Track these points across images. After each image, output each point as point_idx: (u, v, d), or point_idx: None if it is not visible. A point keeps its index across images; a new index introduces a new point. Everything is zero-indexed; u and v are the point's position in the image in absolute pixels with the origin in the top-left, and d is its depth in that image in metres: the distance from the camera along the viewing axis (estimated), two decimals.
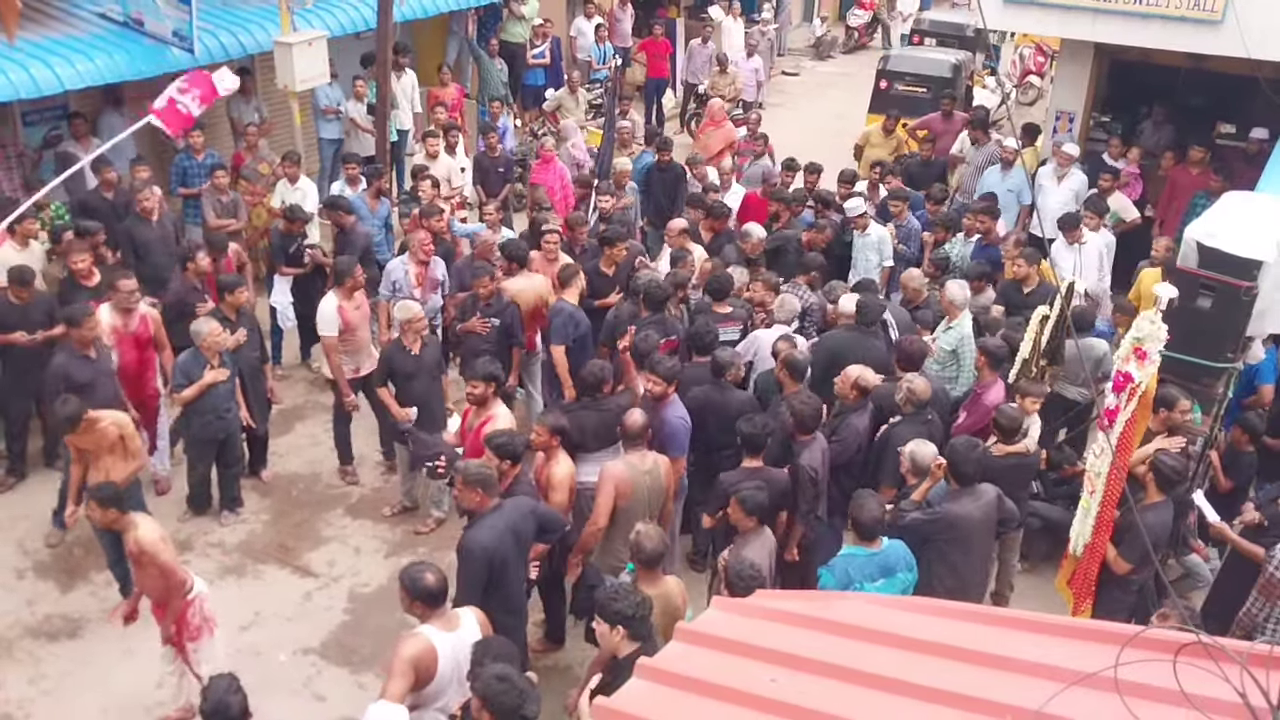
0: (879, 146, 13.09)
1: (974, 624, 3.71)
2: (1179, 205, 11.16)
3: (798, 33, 25.31)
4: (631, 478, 6.14)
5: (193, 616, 6.01)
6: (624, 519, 6.07)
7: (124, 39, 10.39)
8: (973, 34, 19.41)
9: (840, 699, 3.26)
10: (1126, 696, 2.83)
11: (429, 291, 8.87)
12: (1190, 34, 10.33)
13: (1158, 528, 6.09)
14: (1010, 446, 6.81)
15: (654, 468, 6.24)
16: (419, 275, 8.83)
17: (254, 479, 8.58)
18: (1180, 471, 6.24)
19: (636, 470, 6.17)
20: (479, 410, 6.86)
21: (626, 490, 6.11)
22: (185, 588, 5.93)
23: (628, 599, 4.62)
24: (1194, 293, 6.70)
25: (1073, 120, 12.46)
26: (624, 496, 6.12)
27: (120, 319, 7.63)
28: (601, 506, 6.13)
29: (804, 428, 6.50)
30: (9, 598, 7.30)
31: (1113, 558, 6.13)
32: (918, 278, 8.74)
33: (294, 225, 9.52)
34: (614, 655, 4.64)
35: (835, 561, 5.71)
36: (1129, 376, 5.99)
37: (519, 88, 15.85)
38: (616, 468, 6.19)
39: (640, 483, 6.15)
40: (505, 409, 6.95)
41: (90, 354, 7.23)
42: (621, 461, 6.26)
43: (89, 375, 7.13)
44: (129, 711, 6.44)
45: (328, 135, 12.92)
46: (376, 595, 7.52)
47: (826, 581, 5.63)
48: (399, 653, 4.73)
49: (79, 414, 6.50)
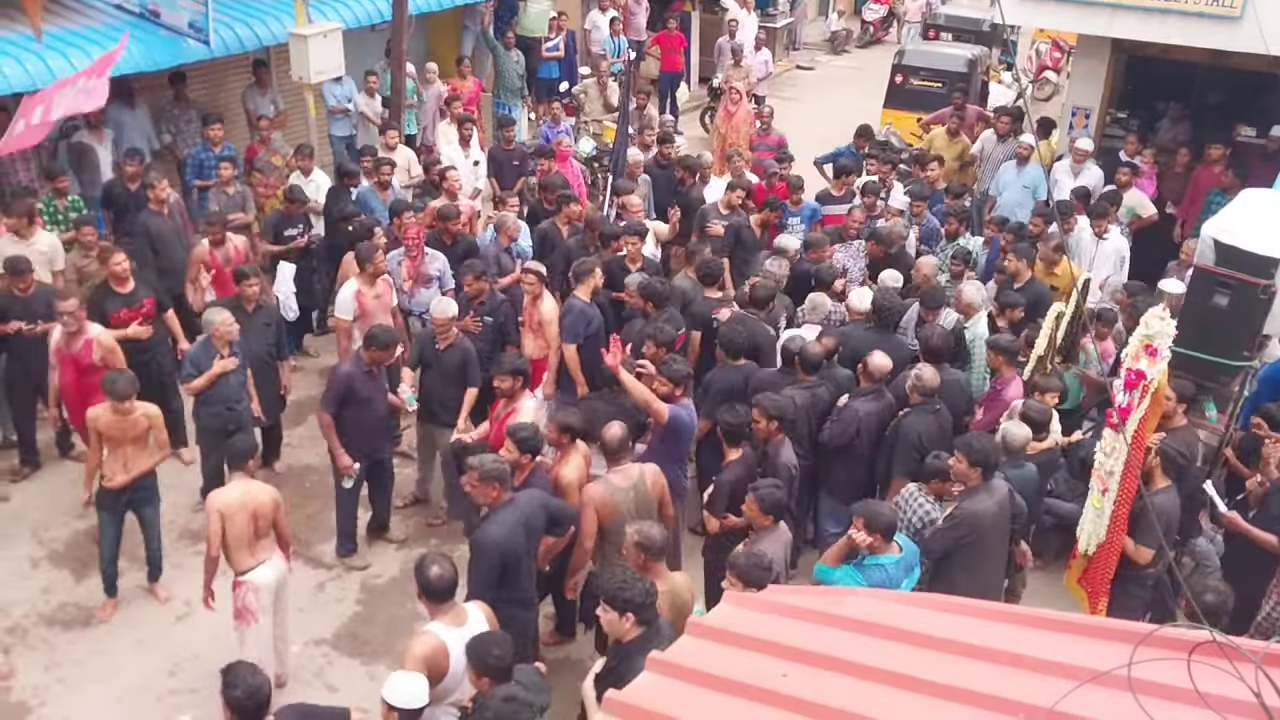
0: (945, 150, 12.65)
1: (987, 621, 3.70)
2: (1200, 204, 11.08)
3: (813, 27, 25.22)
4: (611, 498, 5.98)
5: (236, 600, 6.09)
6: (613, 536, 5.93)
7: (142, 30, 10.43)
8: (989, 29, 19.33)
9: (852, 695, 3.26)
10: (1140, 695, 2.82)
11: (419, 286, 8.79)
12: (1208, 30, 10.26)
13: (1169, 508, 6.07)
14: (1040, 444, 6.78)
15: (638, 481, 6.07)
16: (409, 269, 8.80)
17: (267, 470, 8.60)
18: (1187, 456, 6.19)
19: (616, 489, 6.01)
20: (506, 402, 6.87)
21: (606, 512, 5.97)
22: (239, 567, 6.05)
23: (635, 586, 4.68)
24: (1211, 291, 6.66)
25: (1089, 116, 12.39)
26: (606, 518, 5.98)
27: (64, 340, 7.38)
28: (585, 529, 6.01)
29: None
30: (24, 586, 7.35)
31: (1132, 550, 6.10)
32: (931, 264, 8.72)
33: (293, 206, 9.54)
34: (619, 641, 4.66)
35: (868, 576, 5.49)
36: (1141, 374, 5.96)
37: (534, 81, 15.85)
38: (595, 490, 6.04)
39: (622, 501, 5.99)
40: (531, 402, 6.95)
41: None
42: (600, 483, 6.11)
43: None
44: (143, 699, 6.48)
45: (338, 133, 12.90)
46: (388, 587, 7.54)
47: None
48: (410, 652, 4.74)
49: (130, 392, 6.53)
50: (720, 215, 9.89)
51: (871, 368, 7.00)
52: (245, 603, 6.09)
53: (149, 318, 8.12)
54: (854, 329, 8.00)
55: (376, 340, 7.17)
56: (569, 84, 15.52)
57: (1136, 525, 6.08)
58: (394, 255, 8.84)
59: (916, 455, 6.73)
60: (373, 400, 7.34)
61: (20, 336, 7.77)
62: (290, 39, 10.94)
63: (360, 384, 7.24)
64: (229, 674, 4.50)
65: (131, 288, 8.05)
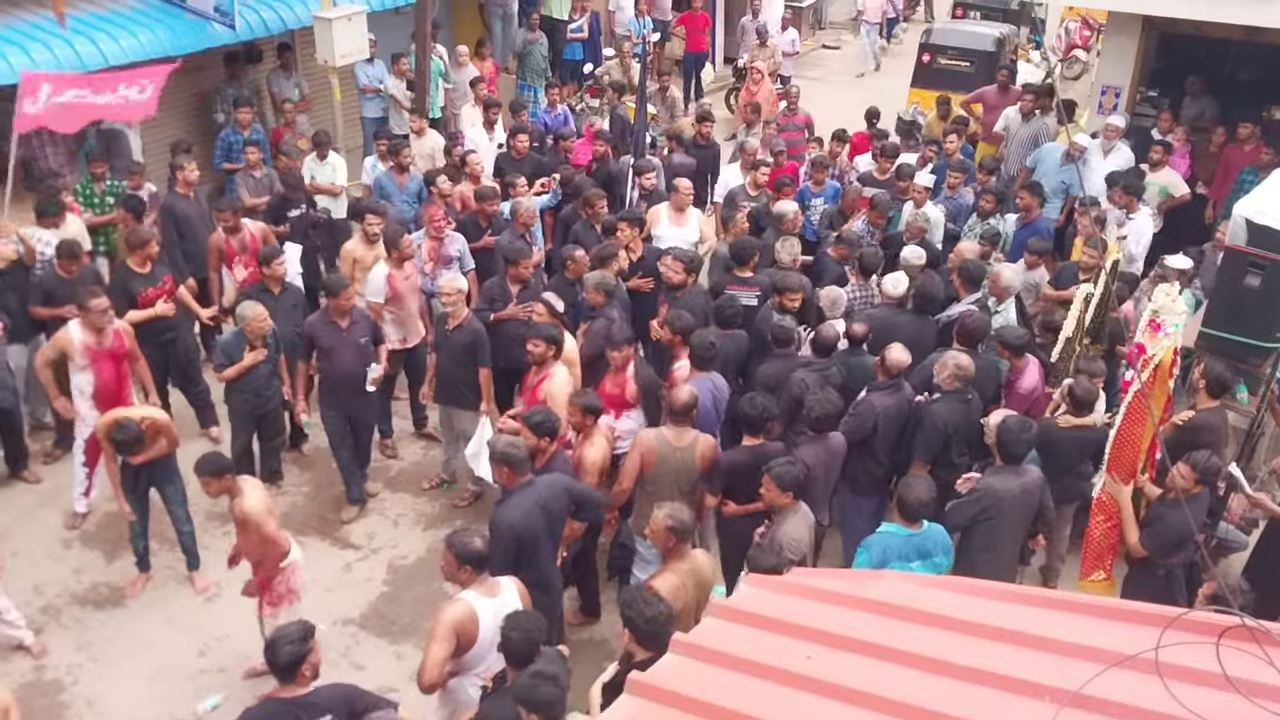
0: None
1: (1012, 604, 3.68)
2: (1231, 183, 10.92)
3: (838, 6, 25.00)
4: (660, 450, 6.18)
5: (279, 584, 6.11)
6: (652, 487, 6.19)
7: (167, 15, 10.52)
8: (1017, 7, 19.10)
9: (877, 677, 3.25)
10: (1168, 679, 2.80)
11: (440, 267, 8.79)
12: (1240, 6, 10.08)
13: (1182, 524, 5.84)
14: (1078, 419, 6.70)
15: (690, 446, 6.21)
16: (431, 250, 8.80)
17: (295, 452, 8.68)
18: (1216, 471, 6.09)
19: (668, 444, 6.19)
20: (537, 370, 6.90)
21: (652, 460, 6.19)
22: (282, 555, 6.04)
23: (646, 608, 4.57)
24: (1242, 271, 6.58)
25: (1119, 95, 12.22)
26: (649, 466, 6.20)
27: (93, 337, 7.28)
28: (627, 469, 6.28)
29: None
30: (57, 567, 7.45)
31: (1133, 543, 6.05)
32: (974, 249, 8.56)
33: (290, 190, 9.66)
34: (630, 655, 4.66)
35: (873, 539, 5.70)
36: (1142, 348, 5.92)
37: (558, 63, 15.81)
38: (648, 437, 6.28)
39: (669, 456, 6.18)
40: (564, 370, 6.94)
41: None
42: (654, 433, 6.31)
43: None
44: (172, 677, 6.57)
45: (370, 114, 12.96)
46: (415, 567, 7.59)
47: (862, 559, 5.62)
48: (441, 617, 4.81)
49: (137, 443, 6.50)
50: (748, 196, 9.86)
51: (890, 362, 6.79)
52: (291, 584, 6.16)
53: (170, 294, 8.24)
54: (886, 313, 7.80)
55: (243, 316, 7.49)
56: (593, 65, 15.46)
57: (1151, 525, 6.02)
58: (415, 237, 8.86)
59: (940, 442, 6.65)
60: (336, 352, 7.58)
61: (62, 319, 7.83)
62: (315, 22, 10.97)
63: (322, 334, 7.56)
64: (277, 633, 4.62)
65: (150, 267, 8.13)
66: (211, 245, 8.81)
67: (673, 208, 9.29)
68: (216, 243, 8.79)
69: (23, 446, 8.31)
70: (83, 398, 7.40)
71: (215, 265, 8.88)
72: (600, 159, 10.59)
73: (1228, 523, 7.21)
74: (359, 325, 7.69)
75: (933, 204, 9.67)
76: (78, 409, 7.47)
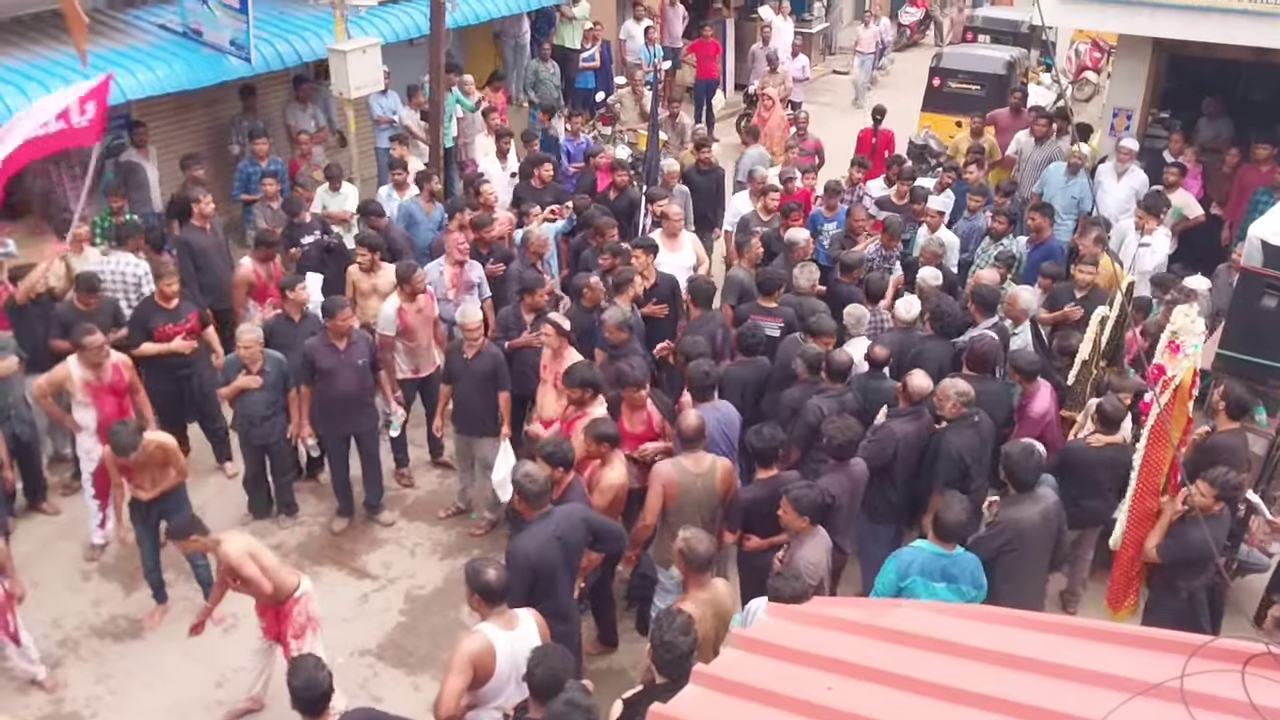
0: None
1: (1034, 632, 3.65)
2: (1246, 204, 10.89)
3: (848, 31, 25.11)
4: (680, 480, 6.13)
5: (298, 615, 6.09)
6: (674, 519, 6.09)
7: (184, 49, 10.63)
8: (1027, 30, 19.15)
9: (898, 708, 3.23)
10: (1193, 708, 2.77)
11: (463, 293, 8.84)
12: (1251, 27, 10.10)
13: (1201, 542, 5.82)
14: (1109, 437, 6.67)
15: (709, 471, 6.19)
16: (453, 277, 8.85)
17: (311, 481, 8.70)
18: (1235, 486, 6.06)
19: (687, 473, 6.15)
20: (578, 407, 6.89)
21: (674, 492, 6.12)
22: (286, 591, 6.02)
23: (667, 632, 4.53)
24: (1259, 293, 6.56)
25: (1130, 117, 12.23)
26: (671, 499, 6.13)
27: (92, 373, 7.25)
28: (650, 506, 6.19)
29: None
30: (75, 599, 7.47)
31: (1149, 547, 6.00)
32: (993, 276, 8.56)
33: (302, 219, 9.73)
34: (652, 679, 4.63)
35: (903, 551, 5.68)
36: (1162, 369, 5.90)
37: (570, 91, 15.92)
38: (665, 469, 6.21)
39: (691, 485, 6.14)
40: (603, 408, 6.92)
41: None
42: (671, 463, 6.26)
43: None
44: (190, 710, 6.56)
45: (385, 145, 13.03)
46: (432, 597, 7.58)
47: (890, 567, 5.60)
48: (458, 649, 4.80)
49: (132, 445, 6.48)
50: (761, 222, 9.89)
51: (912, 388, 6.75)
52: (310, 613, 6.13)
53: (194, 333, 8.22)
54: (906, 337, 7.78)
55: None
56: (605, 94, 15.57)
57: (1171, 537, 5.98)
58: (435, 265, 8.91)
59: (957, 471, 6.59)
60: (334, 374, 7.60)
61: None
62: (329, 54, 11.07)
63: (321, 356, 7.59)
64: (294, 664, 4.71)
65: (176, 304, 8.14)
66: (239, 280, 8.82)
67: (665, 235, 9.34)
68: (245, 277, 8.80)
69: (41, 478, 8.34)
70: (86, 432, 7.43)
71: (242, 300, 8.89)
72: (620, 188, 10.64)
73: (1249, 545, 7.17)
74: (357, 346, 7.73)
75: (946, 229, 9.68)
76: (81, 444, 7.54)
